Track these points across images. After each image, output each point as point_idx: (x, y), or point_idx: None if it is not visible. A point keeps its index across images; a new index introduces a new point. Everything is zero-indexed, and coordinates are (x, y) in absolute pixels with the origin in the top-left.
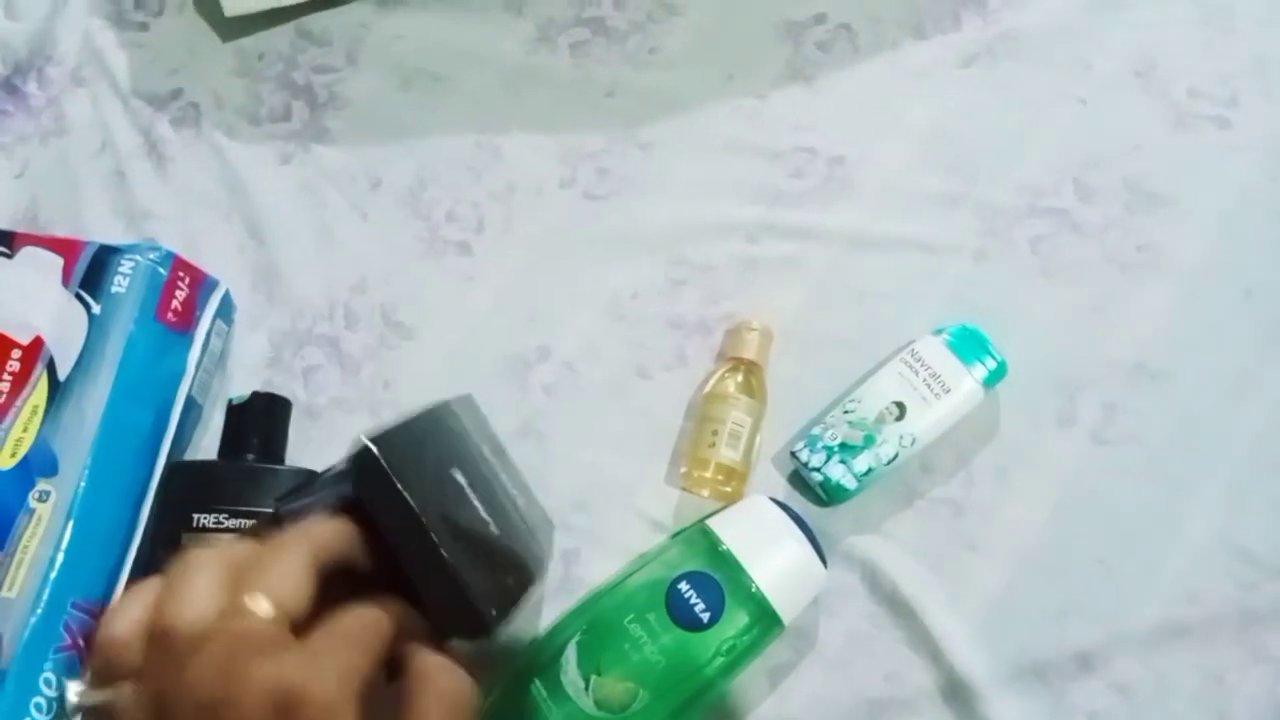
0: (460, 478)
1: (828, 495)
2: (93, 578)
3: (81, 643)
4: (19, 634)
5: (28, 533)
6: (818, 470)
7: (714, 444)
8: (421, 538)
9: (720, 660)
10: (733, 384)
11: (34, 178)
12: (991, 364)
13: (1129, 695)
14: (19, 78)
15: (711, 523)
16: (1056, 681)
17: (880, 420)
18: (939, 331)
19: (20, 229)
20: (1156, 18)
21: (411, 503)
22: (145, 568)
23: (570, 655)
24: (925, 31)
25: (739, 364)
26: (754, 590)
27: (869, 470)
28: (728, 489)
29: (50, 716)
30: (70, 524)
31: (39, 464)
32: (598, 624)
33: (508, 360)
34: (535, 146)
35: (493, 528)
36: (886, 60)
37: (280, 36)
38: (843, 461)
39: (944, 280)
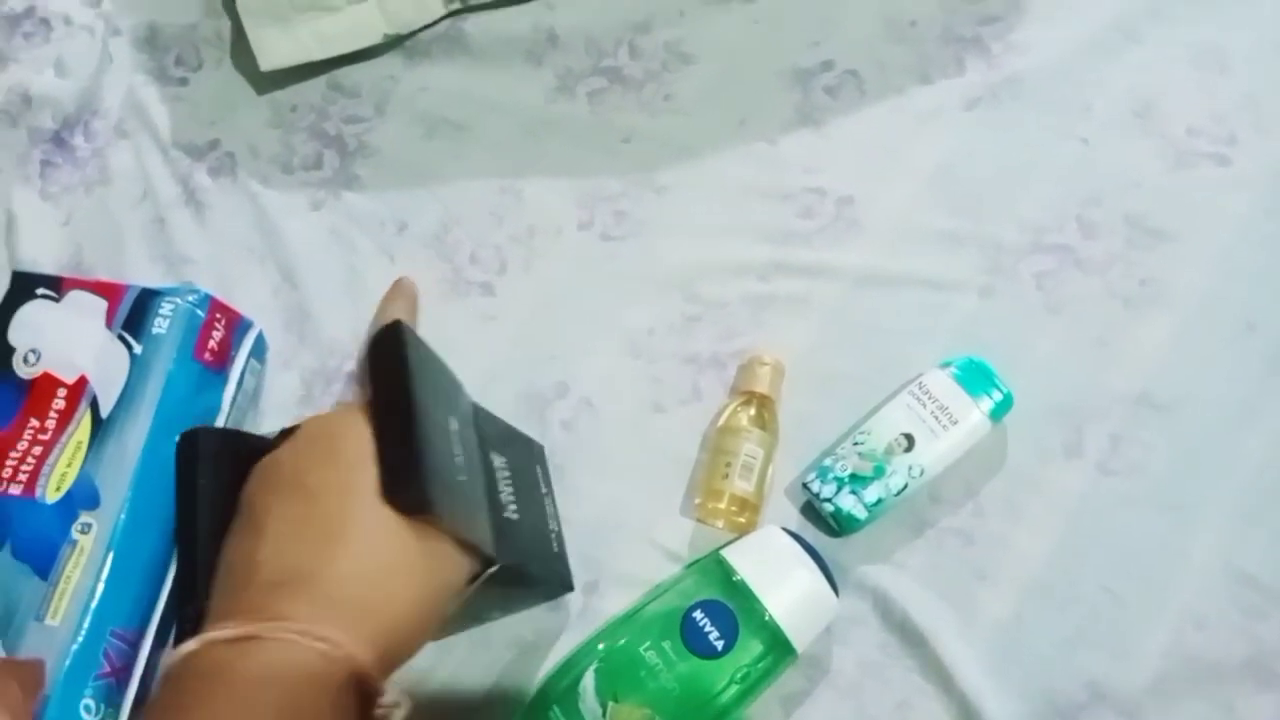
0: (454, 426)
1: (839, 525)
2: (132, 607)
3: (119, 669)
4: (61, 661)
5: (70, 563)
6: (829, 501)
7: (727, 475)
8: (404, 411)
9: (734, 688)
10: (745, 417)
11: (79, 225)
12: (998, 396)
13: None
14: (67, 132)
15: (726, 553)
16: (1067, 709)
17: (889, 452)
18: (946, 365)
19: (66, 274)
20: (1153, 60)
21: (410, 378)
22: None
23: (588, 682)
24: (930, 76)
25: (751, 397)
26: (767, 619)
27: (879, 501)
28: (741, 520)
29: None
30: (110, 555)
31: (82, 497)
32: (615, 652)
33: (528, 397)
34: (555, 191)
35: (461, 475)
36: (892, 104)
37: (312, 89)
38: (853, 492)
39: (951, 316)
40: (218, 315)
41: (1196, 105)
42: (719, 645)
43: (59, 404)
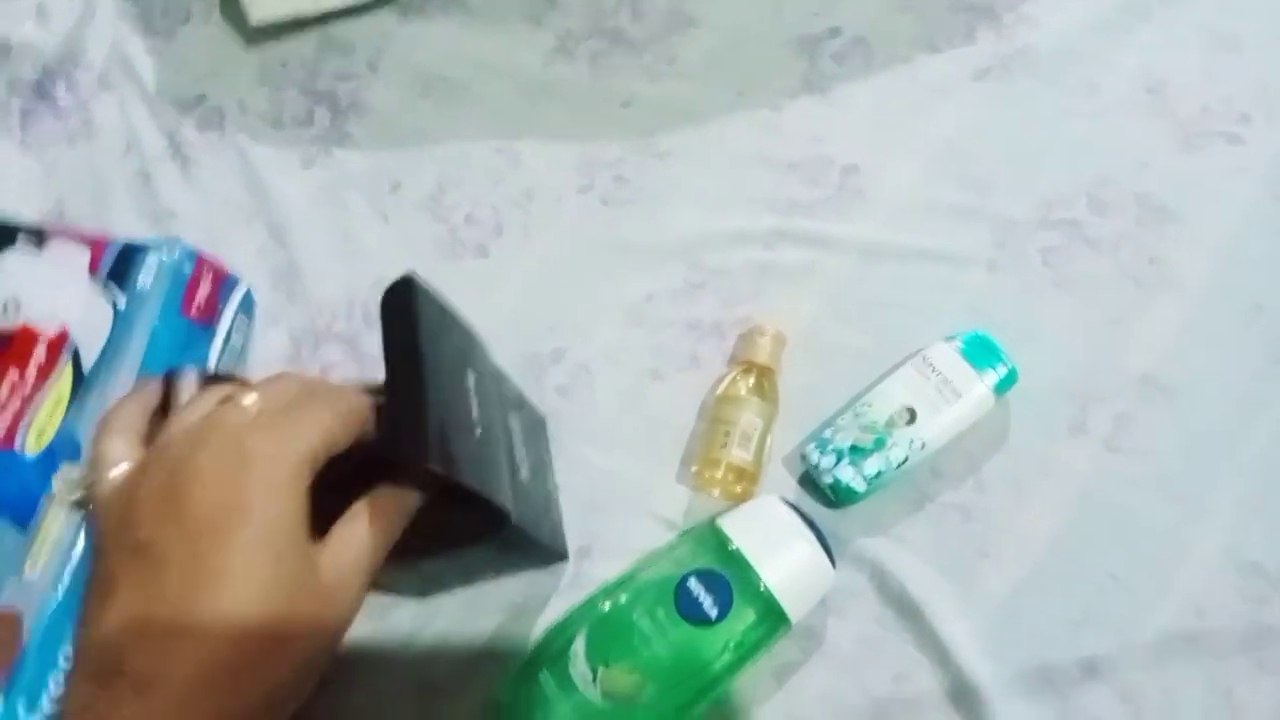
0: (469, 379)
1: (837, 497)
2: None
3: None
4: (40, 613)
5: (50, 516)
6: (828, 472)
7: (725, 444)
8: (411, 363)
9: (727, 657)
10: (744, 386)
11: (61, 178)
12: (1003, 371)
13: (1136, 706)
14: (49, 81)
15: (722, 521)
16: (1064, 688)
17: (891, 424)
18: (951, 338)
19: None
20: (1166, 38)
21: (418, 331)
22: None
23: (579, 647)
24: (939, 46)
25: (751, 367)
26: (762, 589)
27: (878, 473)
28: (738, 489)
29: None
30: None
31: (63, 451)
32: (607, 618)
33: (524, 362)
34: (553, 154)
35: (477, 428)
36: (900, 73)
37: (304, 44)
38: (852, 464)
39: (957, 291)
40: (204, 271)
41: (1208, 85)
42: (713, 613)
43: (39, 356)
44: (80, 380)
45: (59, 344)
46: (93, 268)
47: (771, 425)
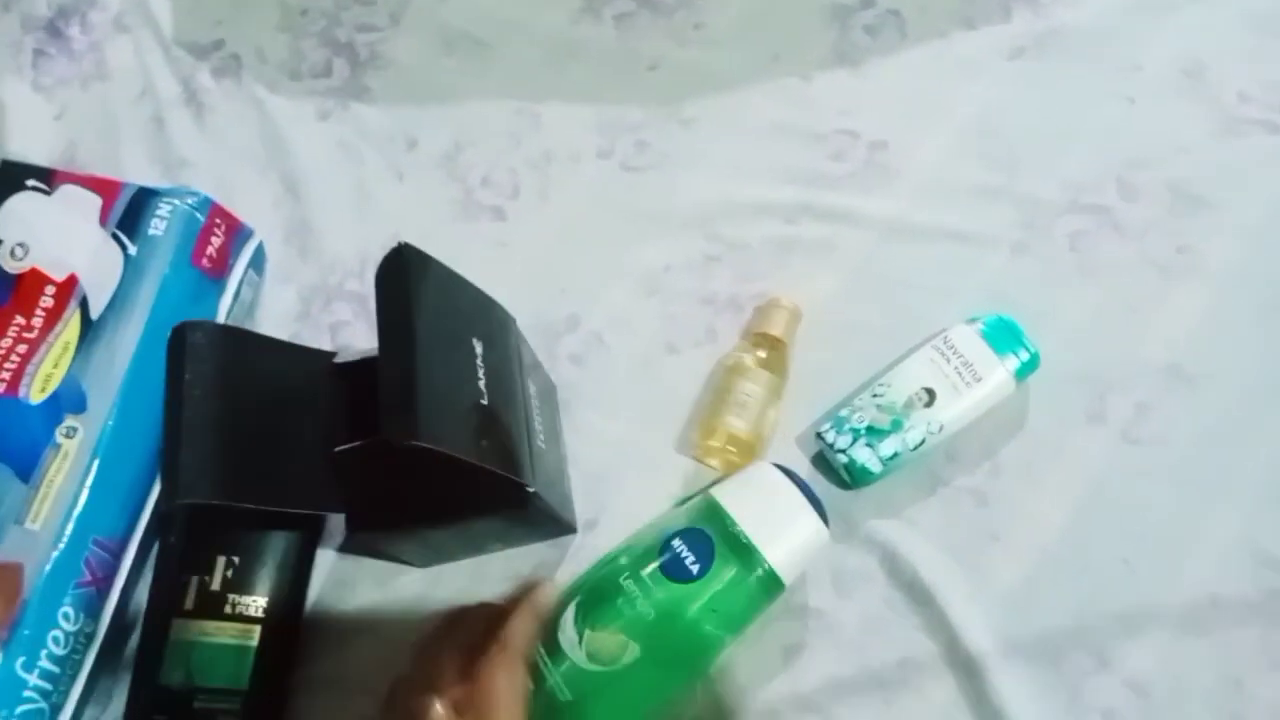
0: (477, 347)
1: (852, 478)
2: (116, 516)
3: (100, 578)
4: (40, 567)
5: (53, 468)
6: (843, 452)
7: (723, 413)
8: (404, 340)
9: (712, 615)
10: (752, 358)
11: (73, 121)
12: (1025, 356)
13: (1145, 694)
14: (62, 21)
15: (716, 489)
16: (1073, 676)
17: (909, 405)
18: (973, 321)
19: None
20: (1207, 21)
21: (412, 306)
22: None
23: (569, 615)
24: (974, 22)
25: (764, 339)
26: (745, 542)
27: (894, 455)
28: (737, 458)
29: (67, 650)
30: (96, 462)
31: (68, 400)
32: (597, 584)
33: (537, 328)
34: (575, 116)
35: (484, 399)
36: (934, 48)
37: None
38: (869, 445)
39: (980, 272)
40: (217, 221)
41: (1250, 70)
42: (694, 569)
43: (47, 302)
44: (88, 327)
45: (67, 289)
46: (104, 213)
47: (778, 398)
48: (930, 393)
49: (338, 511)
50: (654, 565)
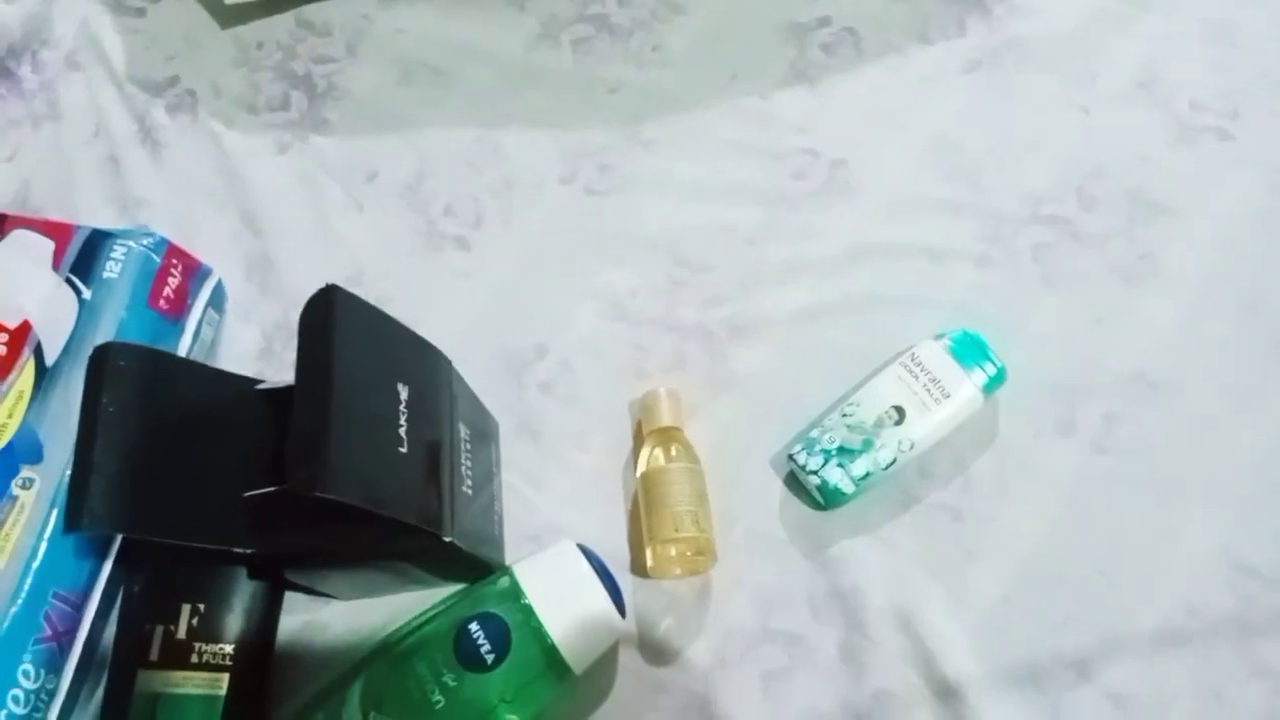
0: (402, 393)
1: (824, 499)
2: (76, 567)
3: (62, 633)
4: None
5: (10, 520)
6: (815, 474)
7: (669, 529)
8: (320, 388)
9: (504, 706)
10: (664, 458)
11: (25, 162)
12: (991, 370)
13: (1126, 706)
14: (12, 60)
15: (517, 567)
16: (1052, 691)
17: (879, 424)
18: (940, 336)
19: (10, 212)
20: (1160, 31)
21: (333, 351)
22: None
23: (355, 691)
24: (929, 37)
25: (662, 434)
26: (544, 633)
27: (866, 474)
28: (702, 559)
29: (28, 709)
30: (54, 512)
31: (24, 450)
32: (387, 662)
33: (505, 357)
34: (536, 142)
35: (403, 447)
36: (890, 64)
37: (280, 26)
38: (840, 465)
39: (945, 286)
40: (174, 261)
41: (1202, 79)
42: (489, 658)
43: (2, 350)
44: (43, 375)
45: (20, 337)
46: (57, 257)
47: (702, 480)
48: (900, 410)
49: (246, 549)
50: (449, 650)
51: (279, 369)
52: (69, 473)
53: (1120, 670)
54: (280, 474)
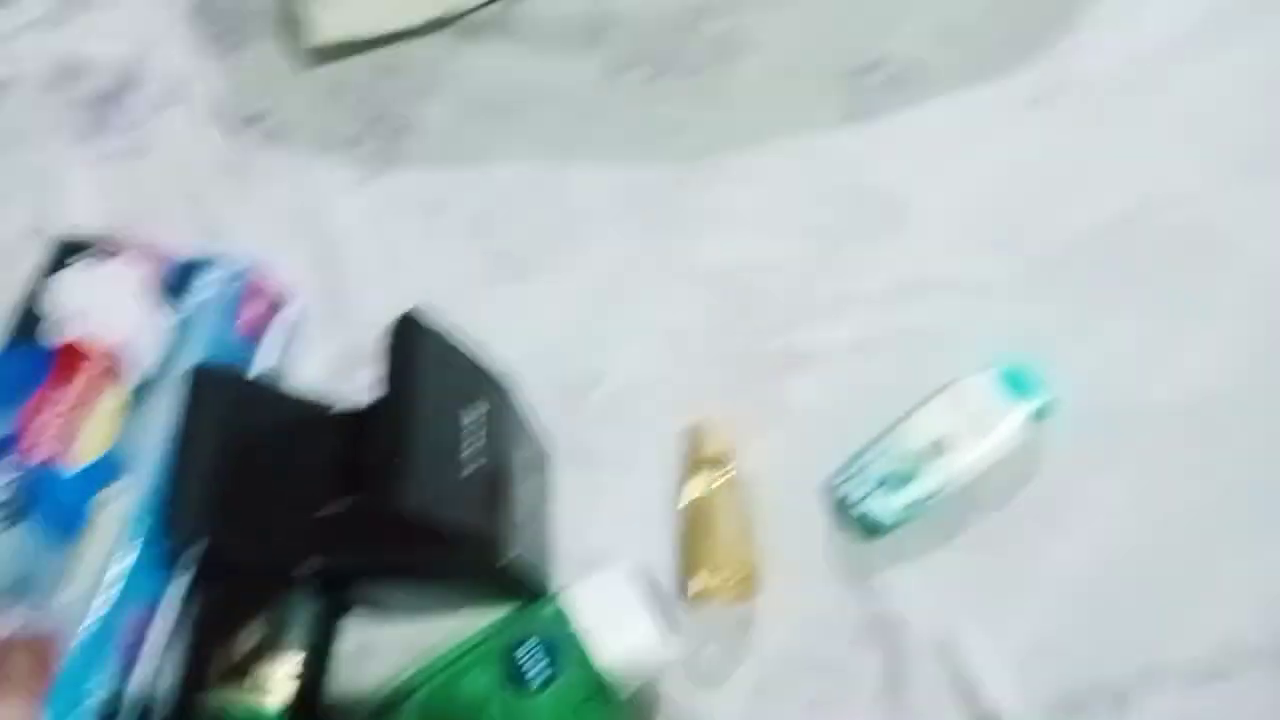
0: (469, 416)
1: (867, 530)
2: (148, 586)
3: (131, 650)
4: (74, 640)
5: (90, 538)
6: (859, 504)
7: (723, 554)
8: (404, 404)
9: None
10: (711, 485)
11: (121, 194)
12: (1038, 402)
13: None
14: (112, 99)
15: (566, 592)
16: None
17: (923, 456)
18: (987, 368)
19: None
20: (1219, 69)
21: (415, 369)
22: None
23: (406, 714)
24: (984, 79)
25: (709, 462)
26: (591, 657)
27: (911, 505)
28: (746, 586)
29: None
30: (133, 530)
31: (108, 469)
32: (437, 686)
33: (559, 385)
34: (599, 179)
35: (468, 469)
36: (944, 106)
37: (359, 66)
38: (885, 496)
39: (993, 321)
40: (258, 287)
41: (1259, 119)
42: (538, 682)
43: (92, 370)
44: (130, 395)
45: (111, 359)
46: (151, 283)
47: (747, 509)
48: (945, 442)
49: (314, 567)
50: (497, 674)
51: (350, 393)
52: (155, 489)
53: (1160, 705)
54: (350, 495)
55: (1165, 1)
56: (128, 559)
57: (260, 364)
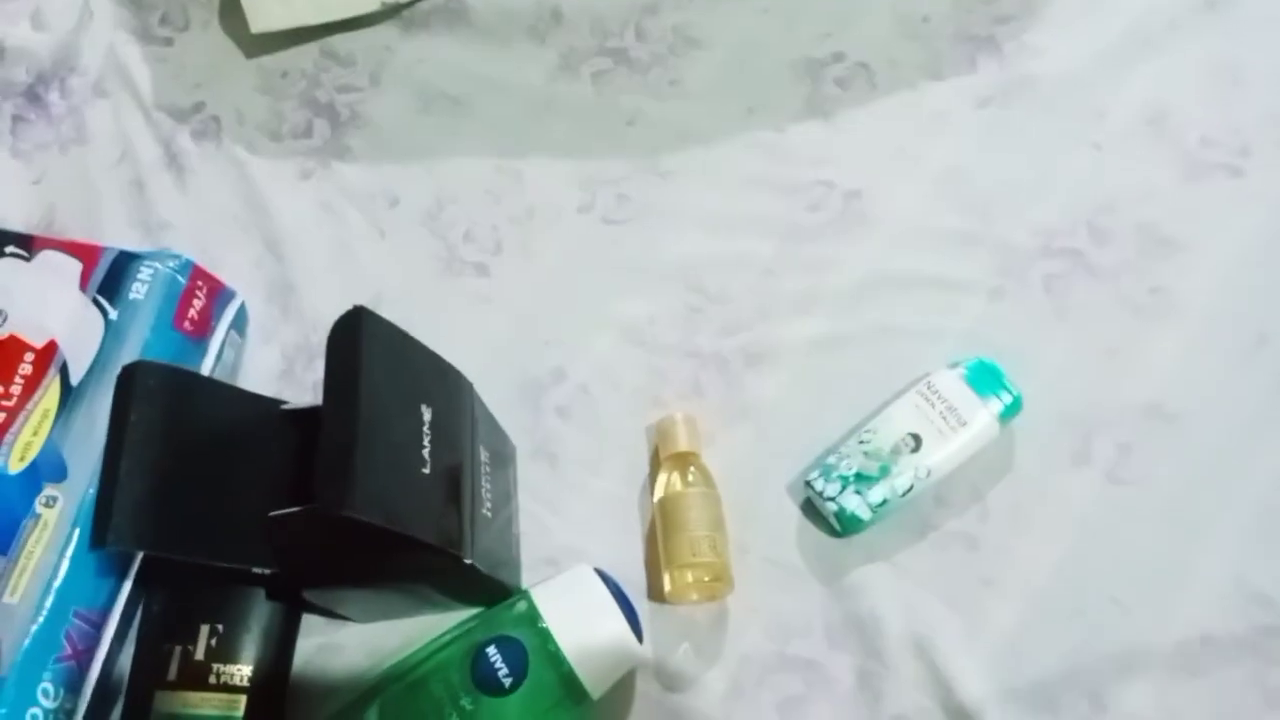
0: (425, 415)
1: (842, 525)
2: (97, 586)
3: (81, 651)
4: (19, 642)
5: (33, 538)
6: (832, 500)
7: (686, 554)
8: (347, 409)
9: None
10: (680, 481)
11: (52, 185)
12: (1008, 399)
13: None
14: (41, 87)
15: (535, 591)
16: (1067, 718)
17: (896, 451)
18: (955, 365)
19: (38, 234)
20: (1169, 68)
21: (359, 369)
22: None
23: (371, 714)
24: (942, 73)
25: (679, 459)
26: (561, 658)
27: (883, 501)
28: (719, 584)
29: None
30: (77, 531)
31: (48, 469)
32: (403, 685)
33: (522, 383)
34: (555, 172)
35: (426, 468)
36: (903, 100)
37: (304, 55)
38: (858, 492)
39: (959, 317)
40: (199, 283)
41: (1211, 116)
42: (507, 682)
43: (25, 369)
44: (68, 394)
45: (47, 356)
46: (84, 278)
47: (719, 505)
48: (916, 438)
49: (269, 569)
50: (466, 673)
51: (299, 389)
52: (93, 491)
53: (1135, 699)
54: (303, 494)
55: (1119, 1)
56: (69, 561)
57: (207, 362)
